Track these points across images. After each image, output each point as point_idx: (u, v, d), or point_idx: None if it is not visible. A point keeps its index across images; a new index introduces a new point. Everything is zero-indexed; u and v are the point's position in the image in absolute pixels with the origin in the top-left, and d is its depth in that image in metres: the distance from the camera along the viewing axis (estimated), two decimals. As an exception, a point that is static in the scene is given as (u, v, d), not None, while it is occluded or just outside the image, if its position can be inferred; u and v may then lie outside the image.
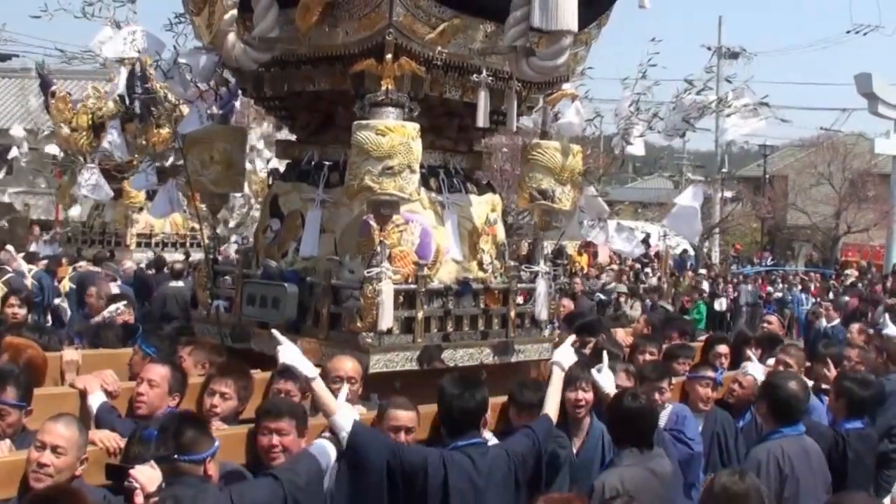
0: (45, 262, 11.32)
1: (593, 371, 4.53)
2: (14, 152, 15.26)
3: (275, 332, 4.01)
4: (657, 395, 4.73)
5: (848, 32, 32.88)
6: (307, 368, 3.83)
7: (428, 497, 3.67)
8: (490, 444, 4.11)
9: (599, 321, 7.30)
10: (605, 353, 4.77)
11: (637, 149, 6.77)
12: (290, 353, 3.85)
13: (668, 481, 4.13)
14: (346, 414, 3.72)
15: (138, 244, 13.95)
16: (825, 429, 4.96)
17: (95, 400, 4.02)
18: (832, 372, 5.70)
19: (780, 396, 4.52)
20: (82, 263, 11.90)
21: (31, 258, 12.26)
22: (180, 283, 9.80)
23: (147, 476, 3.05)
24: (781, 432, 4.47)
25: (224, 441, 3.73)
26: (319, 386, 3.82)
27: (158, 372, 4.13)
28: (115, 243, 13.91)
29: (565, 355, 4.47)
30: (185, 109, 7.84)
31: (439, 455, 3.75)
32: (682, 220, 6.61)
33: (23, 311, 6.51)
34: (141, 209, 11.08)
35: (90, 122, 12.55)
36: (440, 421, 4.01)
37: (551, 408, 4.27)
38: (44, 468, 3.19)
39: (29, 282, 9.51)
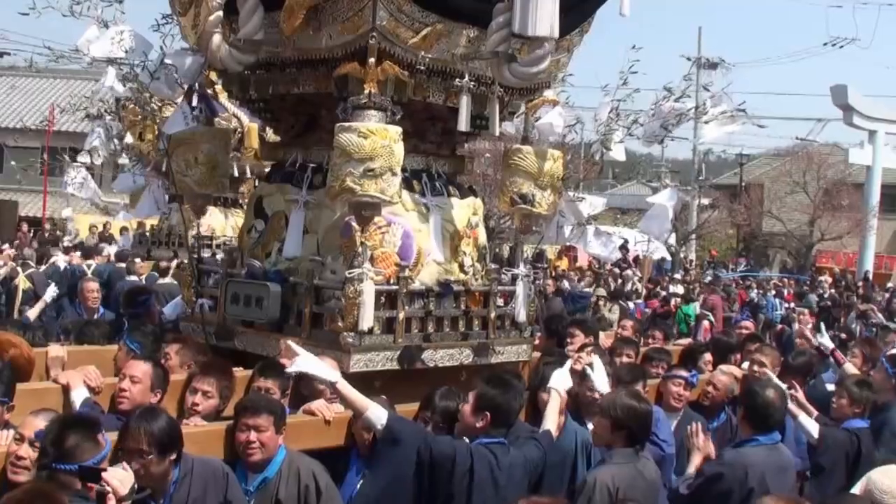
0: (105, 256, 11.46)
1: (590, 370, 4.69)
2: (85, 157, 15.76)
3: (290, 343, 4.13)
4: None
5: (825, 45, 33.48)
6: (329, 374, 3.99)
7: (454, 483, 3.82)
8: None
9: (593, 320, 7.43)
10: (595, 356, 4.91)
11: (618, 154, 6.89)
12: (308, 363, 3.98)
13: (654, 485, 4.22)
14: (379, 408, 3.91)
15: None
16: (839, 430, 5.07)
17: (78, 395, 4.05)
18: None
19: (756, 403, 4.53)
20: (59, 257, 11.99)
21: (89, 252, 12.38)
22: (168, 281, 9.85)
23: (120, 479, 2.99)
24: (757, 440, 4.49)
25: (203, 437, 3.80)
26: (345, 387, 3.98)
27: (141, 368, 4.16)
28: (178, 244, 14.42)
29: (562, 380, 4.55)
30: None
31: (466, 446, 3.92)
32: (655, 220, 6.79)
33: None
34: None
35: (156, 132, 12.87)
36: (475, 412, 4.09)
37: (552, 425, 4.38)
38: (20, 461, 3.24)
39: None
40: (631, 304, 15.02)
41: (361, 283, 4.50)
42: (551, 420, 4.40)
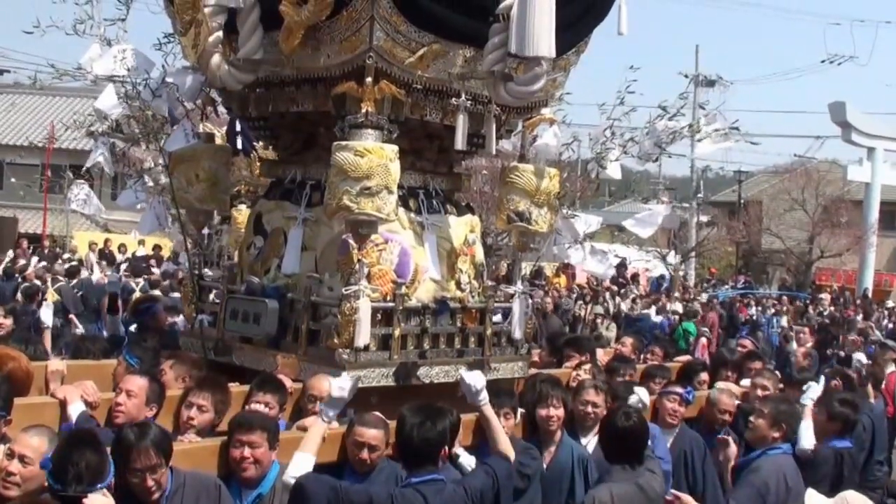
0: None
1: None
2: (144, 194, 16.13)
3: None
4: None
5: (823, 62, 33.62)
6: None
7: None
8: (462, 459, 4.20)
9: (588, 339, 7.46)
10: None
11: (614, 172, 6.96)
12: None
13: (657, 497, 4.24)
14: (301, 464, 3.78)
15: None
16: (825, 448, 5.21)
17: (75, 409, 4.08)
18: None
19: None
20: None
21: (138, 270, 12.38)
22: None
23: None
24: (780, 448, 4.83)
25: (197, 453, 3.82)
26: (317, 422, 3.98)
27: (137, 383, 4.19)
28: None
29: (476, 389, 4.36)
30: None
31: (387, 494, 3.67)
32: (643, 221, 6.94)
33: (8, 322, 6.67)
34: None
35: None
36: (397, 453, 3.94)
37: (505, 446, 4.25)
38: (10, 476, 3.27)
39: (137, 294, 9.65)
40: (659, 318, 15.03)
41: (358, 301, 4.53)
42: (502, 440, 4.26)
